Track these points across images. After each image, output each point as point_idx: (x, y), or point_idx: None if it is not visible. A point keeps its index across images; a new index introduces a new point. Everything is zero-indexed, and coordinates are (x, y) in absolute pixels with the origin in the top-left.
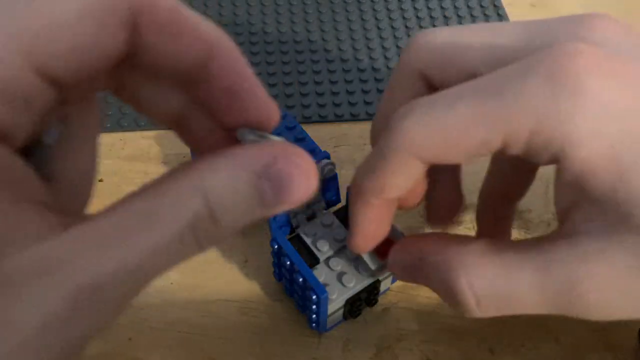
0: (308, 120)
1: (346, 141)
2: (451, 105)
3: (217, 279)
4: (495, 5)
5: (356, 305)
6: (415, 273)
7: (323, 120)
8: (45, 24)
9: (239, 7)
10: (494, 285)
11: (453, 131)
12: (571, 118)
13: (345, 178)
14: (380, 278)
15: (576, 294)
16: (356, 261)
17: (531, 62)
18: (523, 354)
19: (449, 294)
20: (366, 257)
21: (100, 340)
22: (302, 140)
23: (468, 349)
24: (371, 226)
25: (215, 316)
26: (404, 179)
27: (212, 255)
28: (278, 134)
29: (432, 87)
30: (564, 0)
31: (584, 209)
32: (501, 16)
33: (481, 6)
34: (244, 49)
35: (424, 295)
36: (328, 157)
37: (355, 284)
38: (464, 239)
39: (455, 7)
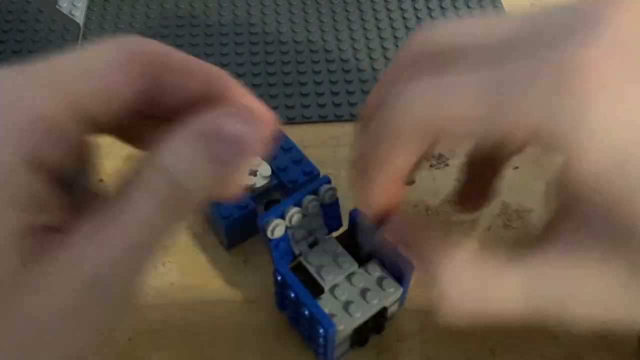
0: (308, 120)
1: (346, 141)
2: (461, 84)
3: (216, 279)
4: (495, 6)
5: (364, 334)
6: (406, 246)
7: (323, 120)
8: (79, 72)
9: (238, 7)
10: (472, 298)
11: (458, 109)
12: (577, 128)
13: (346, 179)
14: (387, 305)
15: (563, 310)
16: (363, 289)
17: (541, 61)
18: (523, 354)
19: (432, 290)
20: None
21: None
22: (299, 162)
23: (469, 349)
24: (380, 188)
25: (215, 316)
26: (404, 153)
27: (211, 256)
28: (275, 157)
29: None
30: (564, 0)
31: (579, 218)
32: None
33: (481, 6)
34: (244, 49)
35: (424, 295)
36: (329, 181)
37: (362, 313)
38: (452, 245)
39: (455, 7)
